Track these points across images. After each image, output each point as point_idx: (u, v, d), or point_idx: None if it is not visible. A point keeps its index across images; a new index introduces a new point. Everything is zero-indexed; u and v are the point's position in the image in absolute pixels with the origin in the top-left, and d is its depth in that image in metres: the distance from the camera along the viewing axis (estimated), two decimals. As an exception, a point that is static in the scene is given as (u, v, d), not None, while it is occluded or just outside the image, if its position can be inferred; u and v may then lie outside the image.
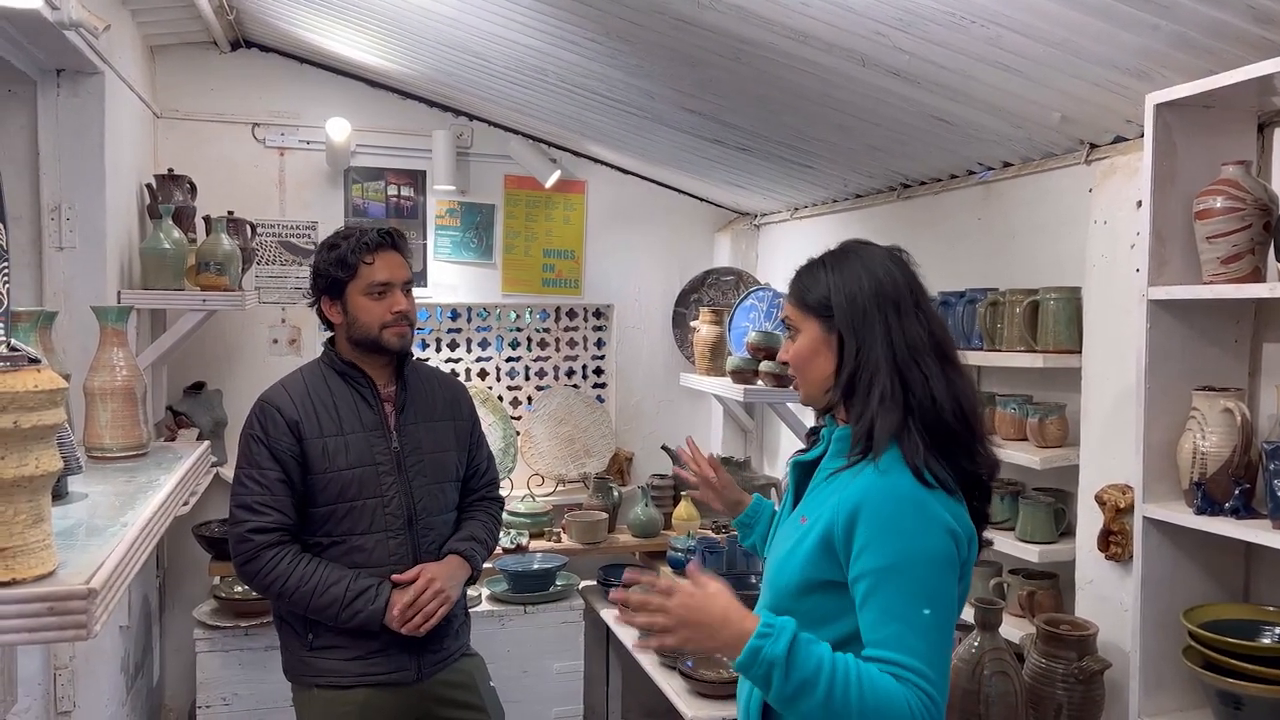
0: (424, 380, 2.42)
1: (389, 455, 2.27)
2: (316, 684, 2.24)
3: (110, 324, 1.79)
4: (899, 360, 1.48)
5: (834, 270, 1.56)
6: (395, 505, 2.26)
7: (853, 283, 1.54)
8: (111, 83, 2.73)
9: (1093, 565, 2.25)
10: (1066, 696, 2.10)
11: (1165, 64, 1.88)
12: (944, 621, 1.41)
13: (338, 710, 2.23)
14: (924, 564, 1.39)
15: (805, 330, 1.58)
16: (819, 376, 1.57)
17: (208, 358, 3.67)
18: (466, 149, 3.96)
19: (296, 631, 2.25)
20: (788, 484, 1.69)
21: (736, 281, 4.17)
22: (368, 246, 2.25)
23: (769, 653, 1.32)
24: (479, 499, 2.49)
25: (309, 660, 2.24)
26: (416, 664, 2.27)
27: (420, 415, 2.34)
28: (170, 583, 3.68)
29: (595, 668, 3.85)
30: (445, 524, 2.37)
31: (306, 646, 2.24)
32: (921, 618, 1.37)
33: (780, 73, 2.41)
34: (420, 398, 2.36)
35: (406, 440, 2.30)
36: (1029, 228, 2.63)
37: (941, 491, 1.44)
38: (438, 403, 2.40)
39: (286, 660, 2.31)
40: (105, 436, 1.73)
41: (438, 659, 2.31)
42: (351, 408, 2.27)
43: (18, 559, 1.01)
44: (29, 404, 0.99)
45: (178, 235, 2.99)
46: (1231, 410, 1.83)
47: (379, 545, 2.24)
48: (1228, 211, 1.81)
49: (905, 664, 1.35)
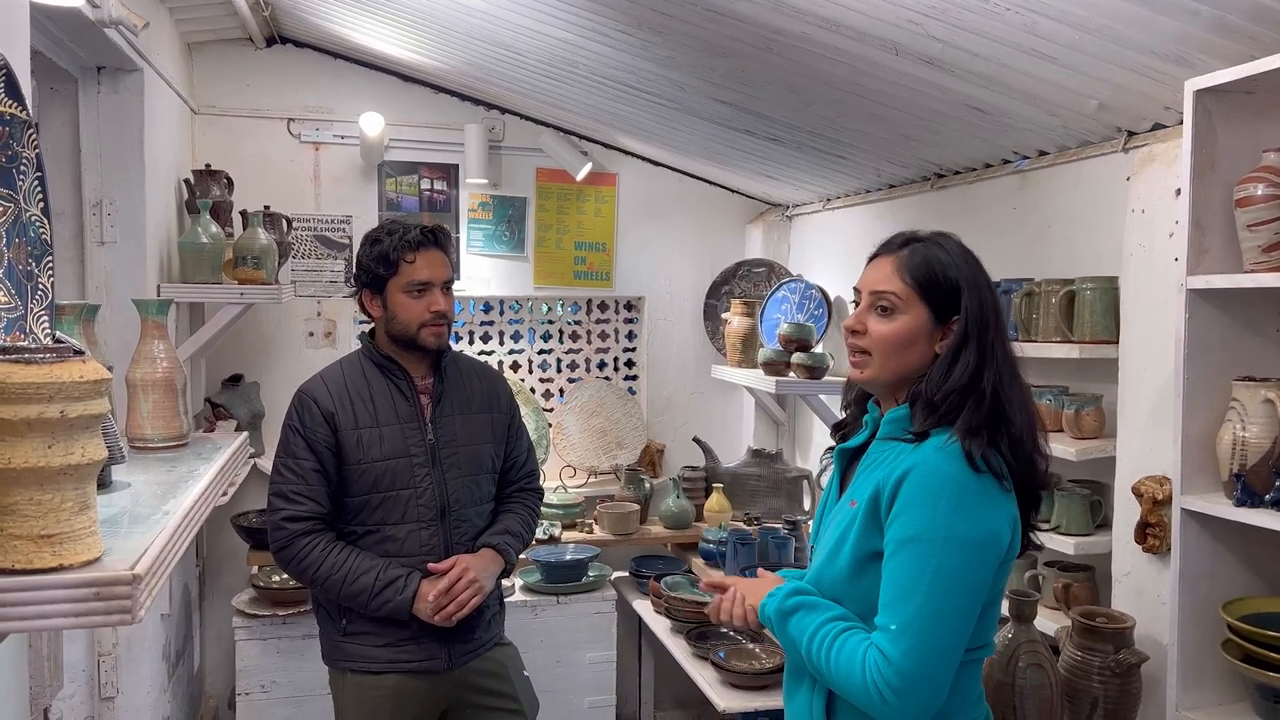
0: (463, 373, 2.43)
1: (423, 447, 2.29)
2: (350, 668, 2.28)
3: (151, 316, 1.82)
4: (1003, 378, 1.49)
5: (959, 264, 1.53)
6: (428, 497, 2.28)
7: (983, 287, 1.52)
8: (150, 80, 2.78)
9: (1130, 558, 2.23)
10: (1103, 690, 2.08)
11: (1205, 50, 1.85)
12: (950, 599, 1.40)
13: (369, 695, 2.26)
14: (944, 543, 1.40)
15: (912, 314, 1.52)
16: (907, 365, 1.53)
17: (245, 351, 3.72)
18: (498, 142, 3.98)
19: (331, 616, 2.30)
20: (832, 472, 1.69)
21: (768, 273, 4.16)
22: (410, 244, 2.27)
23: (766, 608, 1.59)
24: (517, 490, 2.51)
25: (342, 645, 2.28)
26: (447, 653, 2.29)
27: (457, 408, 2.36)
28: (210, 572, 3.74)
29: (627, 658, 3.87)
30: (480, 516, 2.39)
31: (340, 631, 2.28)
32: (924, 586, 1.39)
33: (812, 62, 2.40)
34: (457, 390, 2.38)
35: (442, 433, 2.32)
36: (1065, 217, 2.60)
37: (991, 478, 1.44)
38: (475, 395, 2.41)
39: (323, 644, 2.36)
40: (147, 427, 1.76)
41: (468, 649, 2.33)
42: (388, 399, 2.29)
43: (65, 545, 1.03)
44: (75, 394, 1.01)
45: (215, 230, 3.04)
46: (1273, 401, 1.80)
47: (411, 536, 2.27)
48: (1269, 199, 1.78)
49: (882, 624, 1.41)
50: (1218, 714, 1.90)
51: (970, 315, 1.50)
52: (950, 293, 1.51)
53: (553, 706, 3.29)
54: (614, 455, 4.14)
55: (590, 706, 3.52)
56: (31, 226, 1.36)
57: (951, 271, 1.52)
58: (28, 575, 1.00)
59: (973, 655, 1.55)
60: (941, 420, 1.48)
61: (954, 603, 1.41)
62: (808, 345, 3.48)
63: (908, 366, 1.54)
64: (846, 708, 1.52)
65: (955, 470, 1.43)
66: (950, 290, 1.51)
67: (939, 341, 1.53)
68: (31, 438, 0.99)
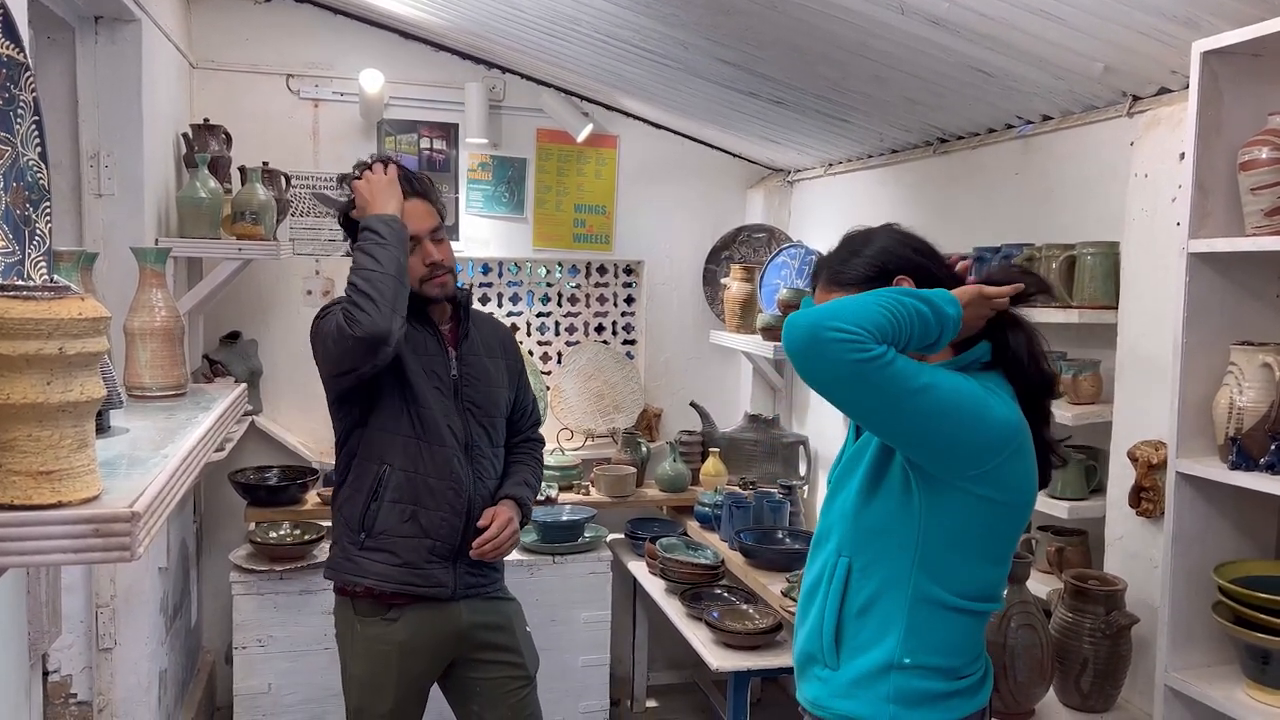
0: (478, 322, 2.49)
1: (448, 382, 2.34)
2: (357, 590, 2.30)
3: (149, 265, 1.81)
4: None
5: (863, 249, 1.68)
6: (458, 426, 2.33)
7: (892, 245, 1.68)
8: (149, 30, 2.75)
9: (1123, 522, 2.24)
10: (1093, 651, 2.10)
11: (1214, 11, 1.83)
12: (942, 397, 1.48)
13: (377, 650, 2.29)
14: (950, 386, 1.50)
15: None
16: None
17: (243, 308, 3.71)
18: (499, 102, 3.95)
19: (351, 528, 2.31)
20: (849, 426, 1.77)
21: (769, 239, 4.14)
22: None
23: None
24: (523, 440, 2.57)
25: (358, 559, 2.29)
26: (453, 580, 2.32)
27: (478, 349, 2.43)
28: (207, 528, 3.76)
29: (622, 619, 3.90)
30: (496, 458, 2.44)
31: (358, 545, 2.29)
32: (922, 379, 1.47)
33: (816, 21, 2.38)
34: (476, 335, 2.44)
35: (466, 370, 2.38)
36: (1068, 182, 2.59)
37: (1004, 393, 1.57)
38: (492, 341, 2.49)
39: (334, 558, 2.36)
40: (145, 376, 1.76)
41: (473, 583, 2.37)
42: (418, 336, 2.32)
43: (63, 482, 1.03)
44: (74, 331, 1.01)
45: (214, 185, 3.02)
46: (1271, 365, 1.80)
47: (439, 457, 2.29)
48: (1273, 162, 1.77)
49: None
50: (1207, 675, 1.92)
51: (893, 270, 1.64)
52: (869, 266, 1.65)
53: (548, 665, 3.30)
54: (611, 419, 4.15)
55: (584, 665, 3.56)
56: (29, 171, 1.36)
57: (855, 254, 1.67)
58: (27, 510, 1.00)
59: (979, 608, 1.59)
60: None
61: (950, 398, 1.50)
62: (807, 310, 3.47)
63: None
64: (857, 633, 1.61)
65: (969, 383, 1.54)
66: (866, 265, 1.65)
67: None
68: (30, 374, 0.99)
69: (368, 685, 2.31)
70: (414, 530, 2.28)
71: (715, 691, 3.97)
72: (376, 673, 2.30)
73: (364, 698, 2.32)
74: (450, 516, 2.29)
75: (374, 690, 2.31)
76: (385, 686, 2.30)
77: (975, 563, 1.59)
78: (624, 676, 4.03)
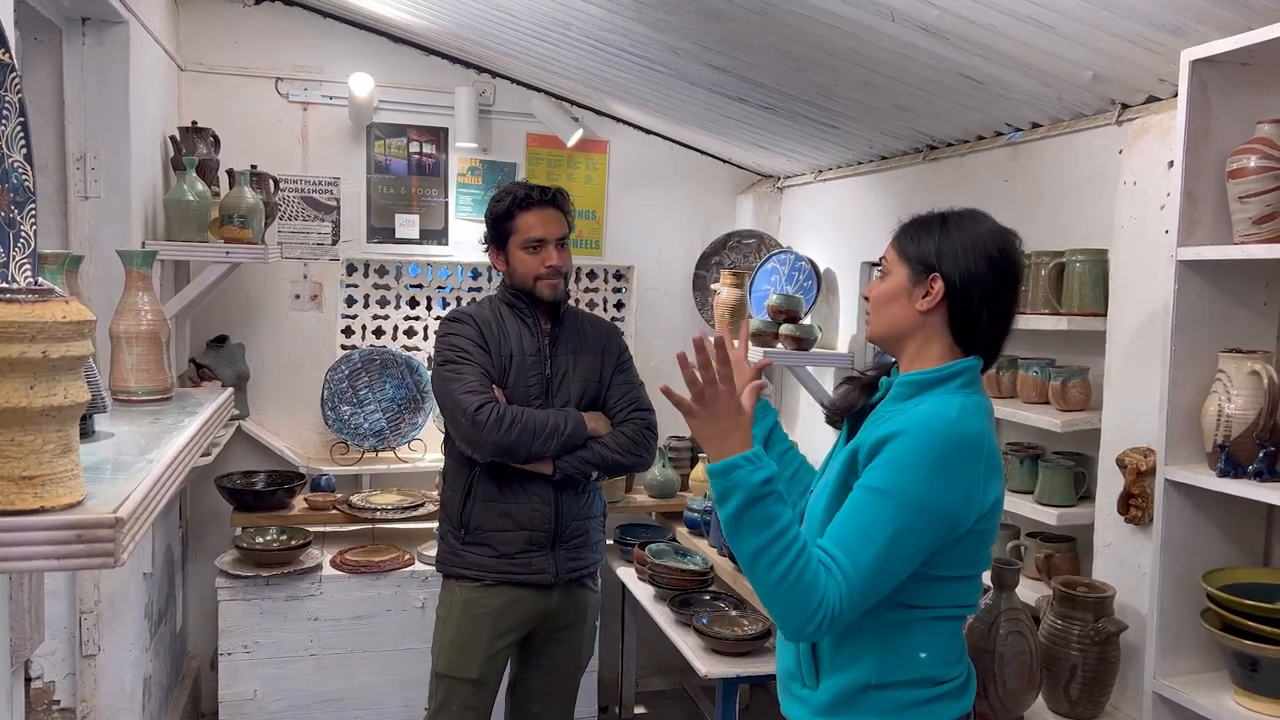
0: (578, 322, 2.66)
1: (540, 380, 2.53)
2: (464, 576, 2.52)
3: (135, 268, 1.79)
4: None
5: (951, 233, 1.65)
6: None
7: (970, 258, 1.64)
8: (136, 32, 2.73)
9: (1112, 529, 2.24)
10: (1081, 657, 2.10)
11: (1203, 20, 1.84)
12: (897, 560, 1.46)
13: (474, 611, 2.51)
14: (914, 509, 1.46)
15: (895, 274, 1.66)
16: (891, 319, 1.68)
17: (231, 312, 3.69)
18: (489, 106, 3.94)
19: (453, 524, 2.54)
20: (844, 428, 1.77)
21: (758, 244, 4.14)
22: (526, 203, 2.52)
23: (742, 476, 1.43)
24: (623, 422, 2.62)
25: (461, 552, 2.53)
26: (554, 568, 2.52)
27: (570, 349, 2.59)
28: (193, 533, 3.73)
29: (611, 625, 3.88)
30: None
31: (461, 541, 2.53)
32: (881, 542, 1.44)
33: (807, 27, 2.38)
34: (572, 335, 2.61)
35: (557, 368, 2.56)
36: (1057, 190, 2.60)
37: (982, 445, 1.51)
38: (588, 340, 2.63)
39: (441, 552, 2.60)
40: (130, 380, 1.74)
41: (573, 567, 2.56)
42: (518, 335, 2.54)
43: (46, 487, 1.02)
44: (58, 334, 1.00)
45: (201, 188, 3.00)
46: (1259, 373, 1.81)
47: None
48: (1262, 170, 1.78)
49: (841, 564, 1.43)
50: (1195, 682, 1.92)
51: (948, 280, 1.58)
52: (923, 253, 1.61)
53: (535, 671, 3.30)
54: (600, 424, 4.14)
55: (573, 672, 3.54)
56: (14, 173, 1.34)
57: (929, 236, 1.62)
58: (9, 516, 0.99)
59: (955, 614, 1.58)
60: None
61: (899, 565, 1.47)
62: (796, 317, 3.48)
63: (893, 321, 1.65)
64: (833, 653, 1.59)
65: (944, 430, 1.49)
66: (923, 250, 1.61)
67: (920, 299, 1.61)
68: (13, 377, 0.98)
69: (459, 649, 2.50)
70: (508, 524, 2.49)
71: (704, 698, 3.96)
72: (470, 634, 2.50)
73: (453, 662, 2.51)
74: (540, 506, 2.49)
75: (464, 655, 2.50)
76: (475, 651, 2.50)
77: (947, 581, 1.57)
78: (612, 682, 4.02)
